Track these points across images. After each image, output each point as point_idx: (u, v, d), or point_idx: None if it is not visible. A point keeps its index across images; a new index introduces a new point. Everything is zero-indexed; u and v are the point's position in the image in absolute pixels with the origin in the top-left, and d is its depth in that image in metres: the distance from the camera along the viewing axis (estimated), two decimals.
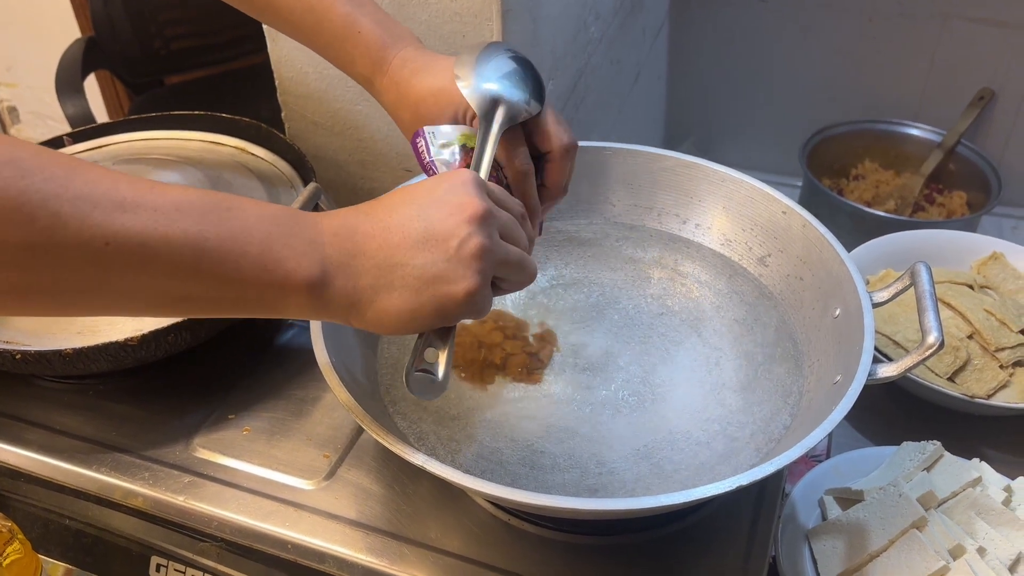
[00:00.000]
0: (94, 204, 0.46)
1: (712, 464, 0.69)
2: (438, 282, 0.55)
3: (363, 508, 0.72)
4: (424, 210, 0.56)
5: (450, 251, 0.55)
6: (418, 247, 0.55)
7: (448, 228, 0.55)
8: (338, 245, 0.54)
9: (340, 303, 0.54)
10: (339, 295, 0.54)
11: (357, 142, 1.05)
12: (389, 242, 0.55)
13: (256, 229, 0.52)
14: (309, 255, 0.53)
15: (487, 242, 0.56)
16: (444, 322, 0.57)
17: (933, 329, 0.64)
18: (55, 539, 0.79)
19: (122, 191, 0.48)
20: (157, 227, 0.48)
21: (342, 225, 0.55)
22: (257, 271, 0.51)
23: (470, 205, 0.56)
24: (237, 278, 0.51)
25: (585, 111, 1.24)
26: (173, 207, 0.49)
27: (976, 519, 0.75)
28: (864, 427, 0.92)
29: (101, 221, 0.46)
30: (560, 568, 0.67)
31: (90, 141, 1.06)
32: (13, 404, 0.83)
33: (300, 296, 0.53)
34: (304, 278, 0.52)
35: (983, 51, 1.67)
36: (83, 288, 0.48)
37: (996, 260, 1.03)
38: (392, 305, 0.55)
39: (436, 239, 0.55)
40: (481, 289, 0.56)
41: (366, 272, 0.54)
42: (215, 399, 0.82)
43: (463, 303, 0.55)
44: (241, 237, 0.51)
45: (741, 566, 0.67)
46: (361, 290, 0.54)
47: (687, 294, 0.83)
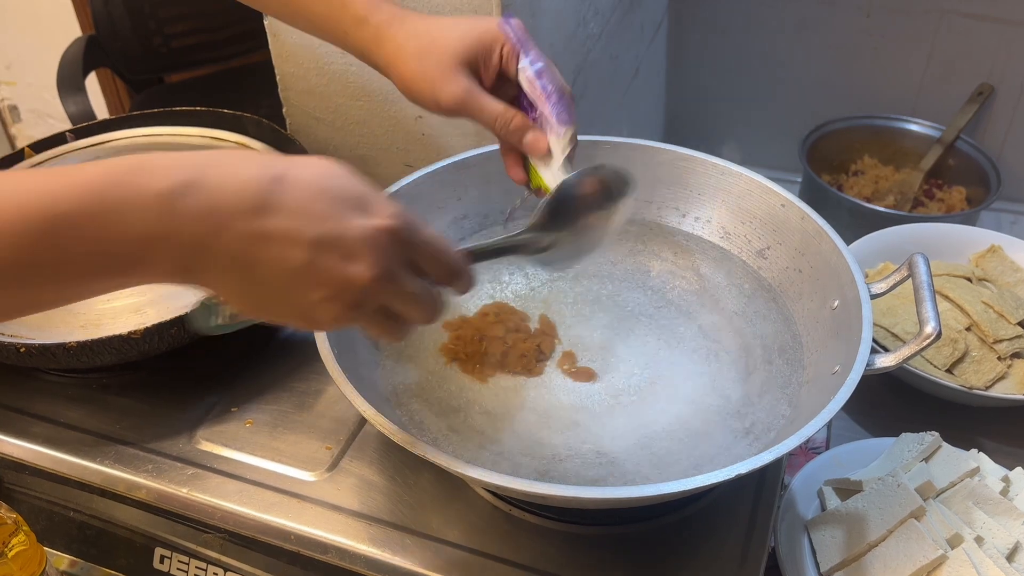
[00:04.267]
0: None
1: (712, 454, 0.69)
2: (301, 317, 0.51)
3: (365, 499, 0.73)
4: (322, 243, 0.48)
5: (310, 298, 0.49)
6: (291, 277, 0.48)
7: (325, 278, 0.49)
8: (194, 234, 0.46)
9: (194, 284, 0.49)
10: (193, 280, 0.48)
11: (358, 137, 1.05)
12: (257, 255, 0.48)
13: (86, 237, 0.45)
14: (158, 253, 0.46)
15: (354, 306, 0.51)
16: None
17: (931, 319, 0.64)
18: (60, 531, 0.80)
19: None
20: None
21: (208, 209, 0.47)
22: (102, 277, 0.46)
23: (363, 271, 0.49)
24: (86, 286, 0.47)
25: (584, 106, 1.24)
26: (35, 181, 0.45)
27: (974, 509, 0.75)
28: (863, 419, 0.92)
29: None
30: (560, 558, 0.68)
31: (93, 137, 1.07)
32: (17, 397, 0.84)
33: (151, 281, 0.48)
34: (155, 276, 0.47)
35: (981, 46, 1.67)
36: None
37: (994, 253, 1.03)
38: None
39: (307, 281, 0.49)
40: (352, 321, 0.52)
41: (220, 270, 0.48)
42: (218, 392, 0.83)
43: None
44: (75, 251, 0.45)
45: (740, 556, 0.68)
46: (214, 283, 0.49)
47: (686, 286, 0.84)
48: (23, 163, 1.03)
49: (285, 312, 0.51)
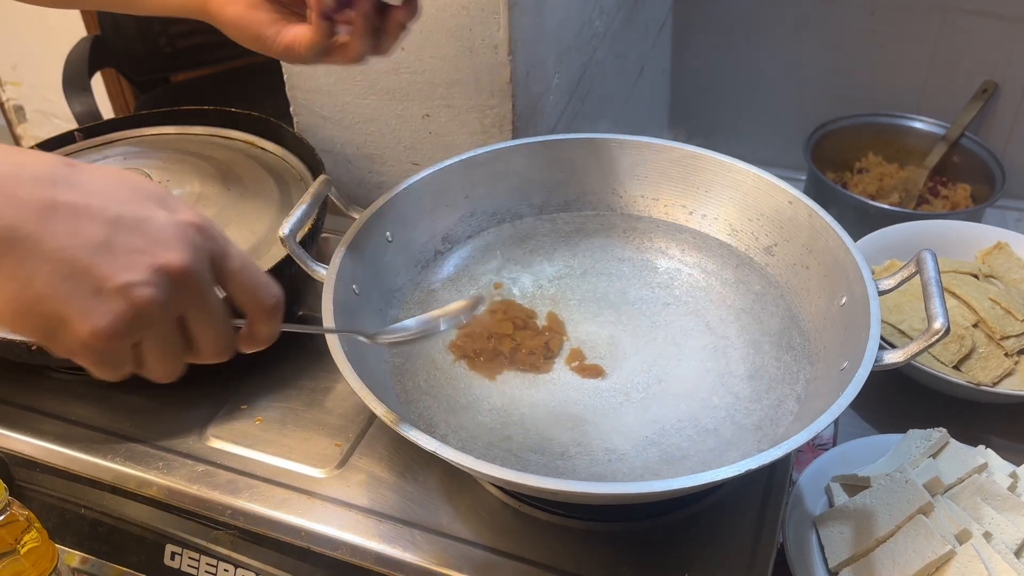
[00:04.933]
0: None
1: (720, 450, 0.69)
2: (68, 300, 0.43)
3: (375, 496, 0.73)
4: (122, 222, 0.44)
5: (107, 283, 0.43)
6: (77, 251, 0.43)
7: (125, 260, 0.43)
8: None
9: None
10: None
11: (365, 136, 1.06)
12: (45, 224, 0.42)
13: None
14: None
15: (157, 304, 0.44)
16: (47, 343, 0.45)
17: (939, 315, 0.65)
18: (71, 528, 0.80)
19: None
20: None
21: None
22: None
23: (174, 256, 0.45)
24: None
25: (590, 105, 1.24)
26: None
27: (982, 504, 0.75)
28: (871, 415, 0.92)
29: None
30: (570, 554, 0.68)
31: (100, 136, 1.07)
32: (28, 395, 0.84)
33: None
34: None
35: (985, 44, 1.67)
36: None
37: (1001, 250, 1.03)
38: (2, 290, 0.43)
39: (105, 259, 0.43)
40: (108, 342, 0.44)
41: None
42: (228, 389, 0.83)
43: (79, 341, 0.43)
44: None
45: (749, 552, 0.68)
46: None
47: (694, 284, 0.84)
48: None
49: (55, 308, 0.43)
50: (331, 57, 0.76)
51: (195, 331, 0.48)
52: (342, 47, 0.74)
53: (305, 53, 0.74)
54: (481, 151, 0.87)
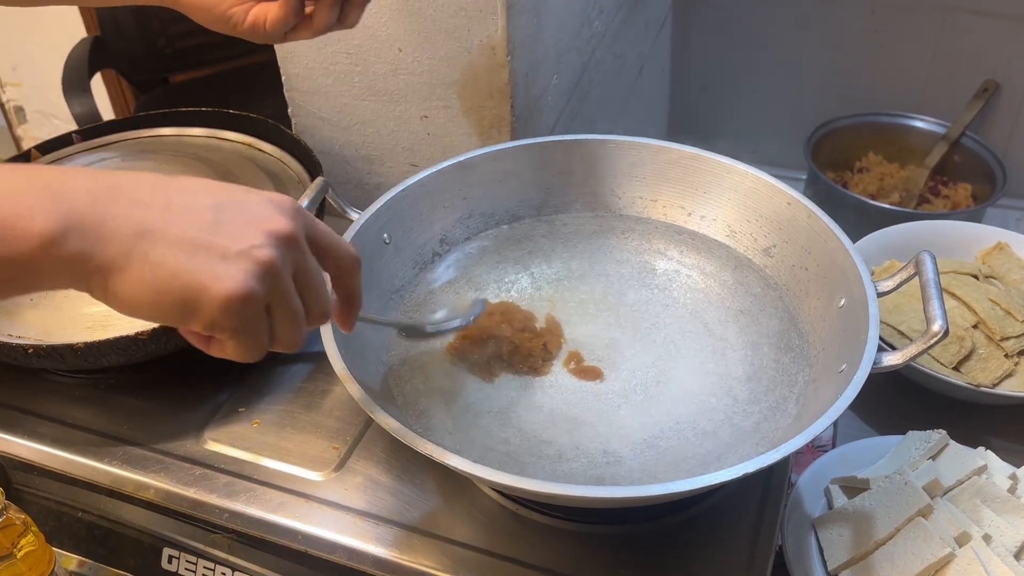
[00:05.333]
0: None
1: (718, 453, 0.69)
2: (200, 271, 0.47)
3: (372, 499, 0.73)
4: (227, 206, 0.50)
5: (230, 250, 0.48)
6: (198, 232, 0.48)
7: (239, 231, 0.49)
8: (92, 202, 0.47)
9: (83, 266, 0.46)
10: (85, 257, 0.46)
11: (363, 137, 1.06)
12: (166, 215, 0.48)
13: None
14: (46, 208, 0.46)
15: (277, 262, 0.49)
16: (187, 323, 0.49)
17: (938, 317, 0.64)
18: (68, 531, 0.80)
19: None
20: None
21: (108, 186, 0.48)
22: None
23: (278, 223, 0.50)
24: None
25: (589, 105, 1.24)
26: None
27: (982, 507, 0.75)
28: (870, 417, 0.92)
29: None
30: (567, 557, 0.68)
31: (99, 138, 1.07)
32: (25, 398, 0.84)
33: (38, 259, 0.46)
34: (39, 233, 0.45)
35: (986, 43, 1.67)
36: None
37: (1001, 250, 1.03)
38: (139, 279, 0.47)
39: (222, 233, 0.48)
40: (246, 302, 0.48)
41: (122, 237, 0.47)
42: (225, 392, 0.83)
43: (217, 306, 0.47)
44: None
45: (747, 555, 0.68)
46: (111, 255, 0.47)
47: (693, 285, 0.84)
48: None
49: (190, 279, 0.47)
50: (296, 32, 0.76)
51: (304, 292, 0.52)
52: (306, 20, 0.75)
53: (271, 30, 0.75)
54: (479, 152, 0.87)
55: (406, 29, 0.94)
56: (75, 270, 0.47)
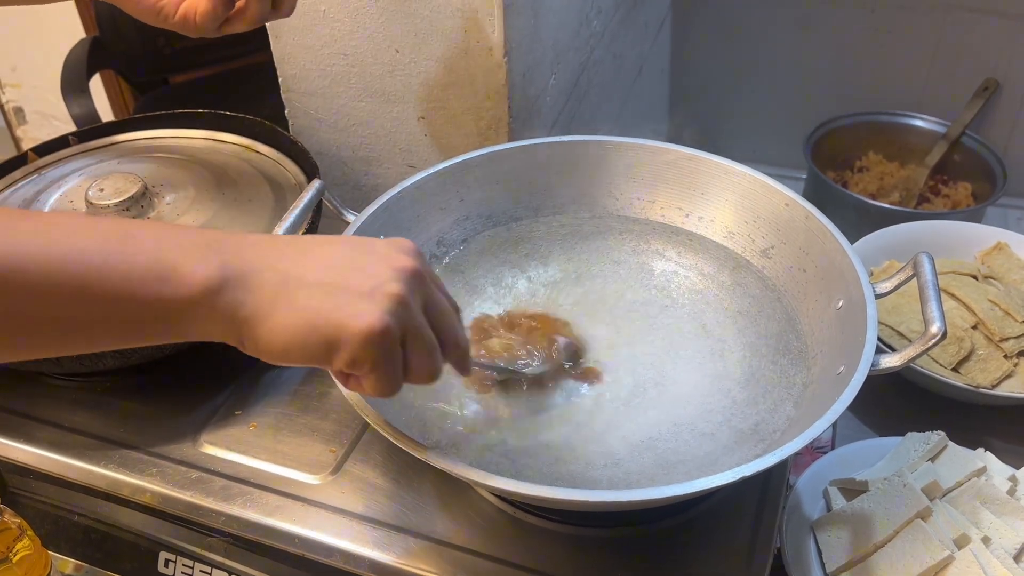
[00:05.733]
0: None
1: (716, 455, 0.69)
2: (339, 309, 0.50)
3: (369, 502, 0.72)
4: (355, 251, 0.53)
5: (364, 288, 0.51)
6: (335, 275, 0.51)
7: (372, 271, 0.52)
8: (243, 255, 0.51)
9: (237, 314, 0.50)
10: (237, 305, 0.50)
11: (361, 139, 1.05)
12: (303, 263, 0.52)
13: (148, 240, 0.49)
14: (206, 259, 0.49)
15: (407, 295, 0.52)
16: (331, 362, 0.51)
17: (936, 319, 0.64)
18: (64, 535, 0.80)
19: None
20: (36, 245, 0.46)
21: (255, 241, 0.52)
22: (148, 281, 0.48)
23: (405, 261, 0.53)
24: (127, 292, 0.48)
25: (588, 105, 1.24)
26: (55, 229, 0.47)
27: (981, 509, 0.75)
28: (869, 418, 0.92)
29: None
30: (565, 560, 0.68)
31: (95, 140, 1.07)
32: (22, 402, 0.84)
33: (196, 306, 0.49)
34: (202, 281, 0.49)
35: (986, 42, 1.66)
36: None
37: (1000, 250, 1.02)
38: (285, 324, 0.50)
39: (356, 274, 0.51)
40: (383, 336, 0.50)
41: (269, 285, 0.50)
42: (222, 395, 0.83)
43: (357, 341, 0.50)
44: (129, 249, 0.48)
45: (746, 557, 0.68)
46: (259, 303, 0.50)
47: (691, 287, 0.83)
48: (26, 167, 1.03)
49: (331, 319, 0.50)
50: (230, 24, 0.77)
51: (436, 323, 0.55)
52: (240, 12, 0.75)
53: (201, 22, 0.75)
54: (477, 154, 0.86)
55: (403, 30, 0.94)
56: (227, 319, 0.50)
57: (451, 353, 0.57)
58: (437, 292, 0.56)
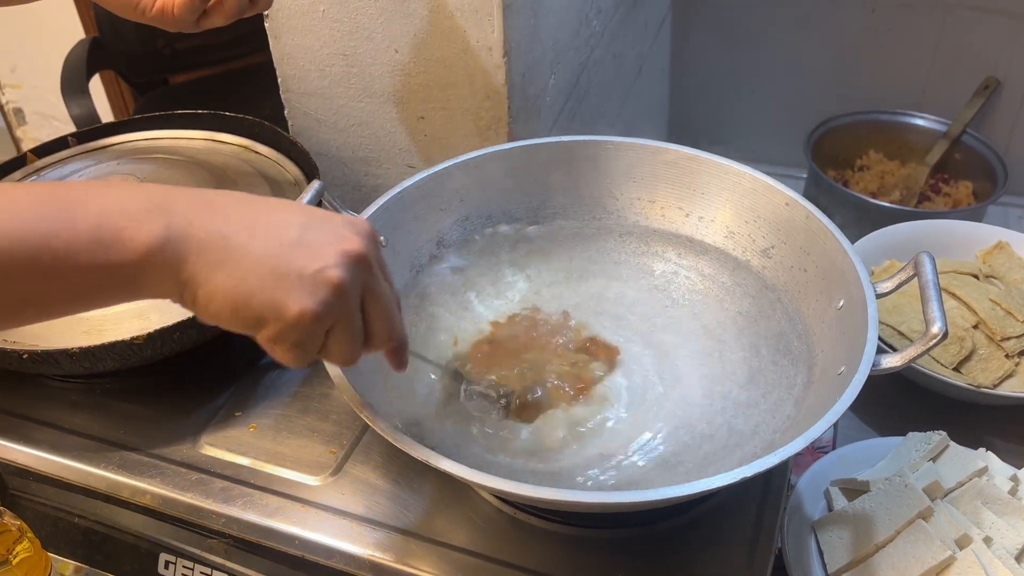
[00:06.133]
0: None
1: (717, 456, 0.69)
2: (277, 288, 0.50)
3: (370, 504, 0.72)
4: (308, 226, 0.53)
5: (306, 270, 0.51)
6: (279, 249, 0.51)
7: (319, 250, 0.52)
8: (189, 215, 0.51)
9: (180, 275, 0.50)
10: (179, 265, 0.50)
11: (360, 139, 1.05)
12: (250, 232, 0.51)
13: (91, 204, 0.49)
14: (151, 221, 0.49)
15: (347, 283, 0.52)
16: (257, 332, 0.52)
17: (937, 319, 0.64)
18: (64, 537, 0.80)
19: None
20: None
21: (203, 201, 0.52)
22: (93, 248, 0.48)
23: (353, 243, 0.53)
24: (73, 263, 0.48)
25: (588, 105, 1.24)
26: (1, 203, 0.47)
27: (982, 509, 0.75)
28: (870, 418, 0.92)
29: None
30: (566, 561, 0.67)
31: (95, 141, 1.07)
32: (21, 404, 0.83)
33: (142, 268, 0.49)
34: (143, 244, 0.49)
35: (987, 40, 1.66)
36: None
37: (1001, 249, 1.02)
38: (223, 290, 0.50)
39: (301, 252, 0.51)
40: (312, 322, 0.51)
41: (214, 248, 0.50)
42: (221, 397, 0.83)
43: (287, 323, 0.51)
44: (72, 217, 0.48)
45: (747, 558, 0.68)
46: (202, 266, 0.50)
47: (691, 287, 0.83)
48: (25, 168, 1.03)
49: (267, 298, 0.50)
50: (207, 19, 0.77)
51: (372, 313, 0.55)
52: (217, 6, 0.75)
53: (179, 15, 0.76)
54: (476, 154, 0.86)
55: (402, 30, 0.93)
56: (171, 279, 0.50)
57: (379, 344, 0.57)
58: (380, 281, 0.55)
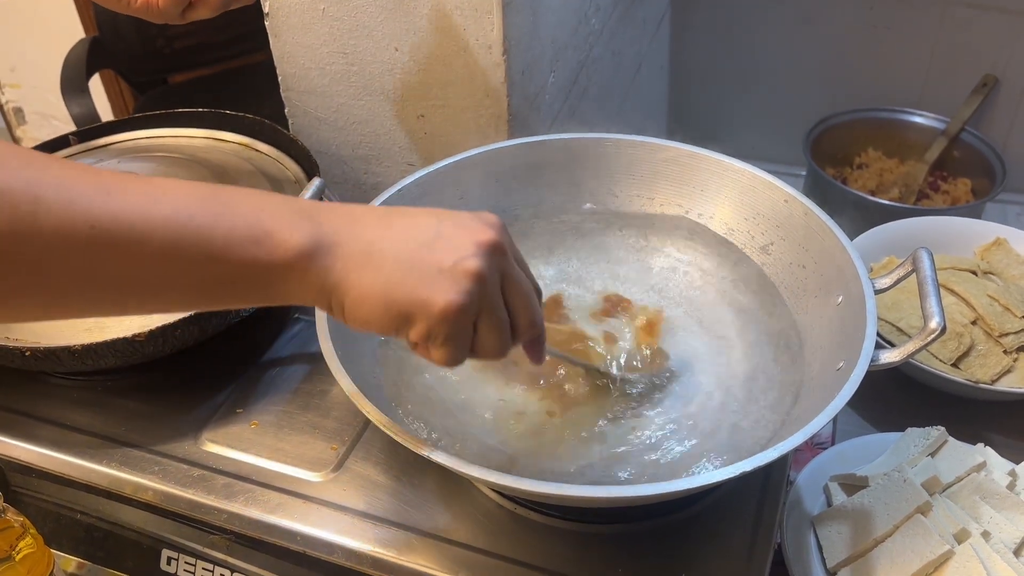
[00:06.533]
0: (77, 190, 0.46)
1: (717, 451, 0.69)
2: (420, 285, 0.52)
3: (371, 499, 0.73)
4: (442, 223, 0.54)
5: (445, 263, 0.52)
6: (417, 248, 0.53)
7: (455, 244, 0.53)
8: (335, 223, 0.53)
9: (326, 281, 0.52)
10: (326, 272, 0.52)
11: (360, 137, 1.05)
12: (390, 236, 0.53)
13: (245, 204, 0.51)
14: (301, 227, 0.51)
15: (487, 272, 0.53)
16: (407, 333, 0.54)
17: (935, 314, 0.64)
18: (67, 533, 0.80)
19: (105, 178, 0.48)
20: (143, 208, 0.47)
21: (344, 212, 0.54)
22: (246, 244, 0.50)
23: (486, 234, 0.54)
24: (225, 255, 0.49)
25: (587, 103, 1.24)
26: (159, 191, 0.49)
27: (981, 503, 0.75)
28: (869, 414, 0.92)
29: (86, 205, 0.46)
30: (566, 556, 0.68)
31: (96, 140, 1.07)
32: (23, 401, 0.84)
33: (290, 270, 0.51)
34: (295, 247, 0.51)
35: (985, 37, 1.66)
36: (70, 279, 0.47)
37: (999, 246, 1.03)
38: (370, 293, 0.52)
39: (438, 248, 0.53)
40: (459, 313, 0.52)
41: (358, 254, 0.52)
42: (223, 393, 0.83)
43: (434, 317, 0.52)
44: (229, 212, 0.50)
45: (747, 553, 0.68)
46: (348, 271, 0.52)
47: (690, 283, 0.84)
48: None
49: (412, 294, 0.52)
50: (193, 11, 0.77)
51: (511, 300, 0.56)
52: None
53: (164, 7, 0.76)
54: (476, 151, 0.87)
55: (402, 28, 0.94)
56: (317, 285, 0.52)
57: (524, 334, 0.58)
58: (517, 269, 0.56)
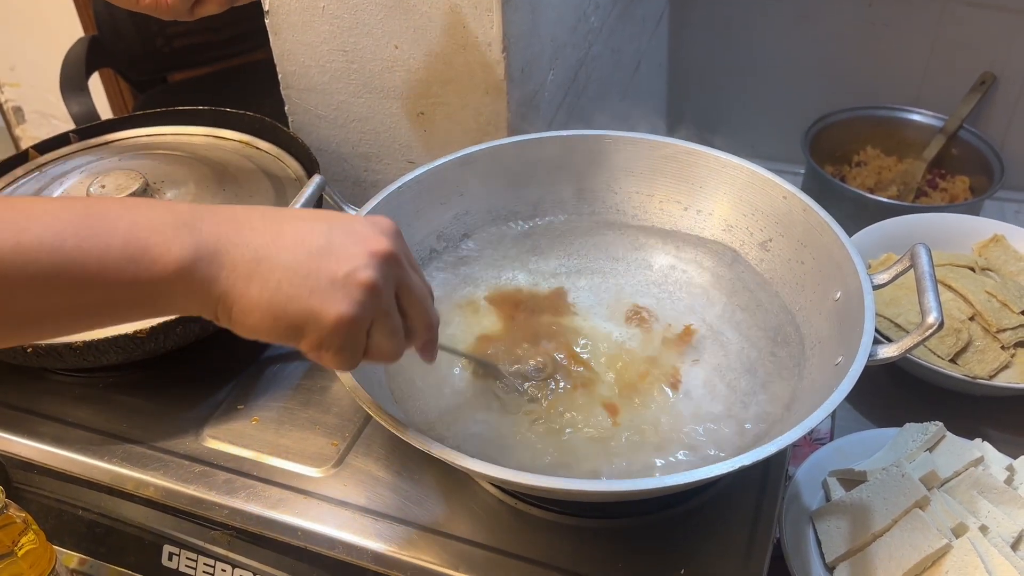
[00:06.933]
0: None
1: (716, 446, 0.69)
2: (312, 296, 0.51)
3: (372, 495, 0.73)
4: (333, 230, 0.53)
5: (337, 274, 0.51)
6: (307, 257, 0.51)
7: (348, 253, 0.52)
8: (217, 232, 0.51)
9: (212, 292, 0.51)
10: (211, 282, 0.50)
11: (360, 135, 1.06)
12: (279, 243, 0.51)
13: (121, 220, 0.49)
14: (180, 238, 0.50)
15: (380, 282, 0.52)
16: (298, 343, 0.53)
17: (933, 309, 0.64)
18: (69, 529, 0.80)
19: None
20: (12, 237, 0.46)
21: (228, 217, 0.52)
22: (121, 263, 0.48)
23: (380, 243, 0.53)
24: (101, 279, 0.48)
25: (586, 100, 1.24)
26: (24, 216, 0.47)
27: (978, 498, 0.75)
28: (867, 409, 0.92)
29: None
30: (566, 550, 0.68)
31: (96, 138, 1.07)
32: (26, 397, 0.84)
33: (171, 284, 0.49)
34: (174, 260, 0.49)
35: (983, 35, 1.66)
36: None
37: (997, 242, 1.03)
38: (258, 303, 0.51)
39: (330, 258, 0.51)
40: (351, 325, 0.51)
41: (245, 262, 0.51)
42: (224, 390, 0.83)
43: (326, 329, 0.51)
44: (103, 231, 0.48)
45: (745, 548, 0.68)
46: (235, 280, 0.50)
47: (689, 280, 0.84)
48: (27, 164, 1.03)
49: (303, 305, 0.51)
50: (202, 7, 0.77)
51: (408, 308, 0.56)
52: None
53: (174, 4, 0.76)
54: (476, 149, 0.87)
55: (402, 26, 0.94)
56: (203, 296, 0.51)
57: (420, 337, 0.58)
58: (412, 275, 0.56)
